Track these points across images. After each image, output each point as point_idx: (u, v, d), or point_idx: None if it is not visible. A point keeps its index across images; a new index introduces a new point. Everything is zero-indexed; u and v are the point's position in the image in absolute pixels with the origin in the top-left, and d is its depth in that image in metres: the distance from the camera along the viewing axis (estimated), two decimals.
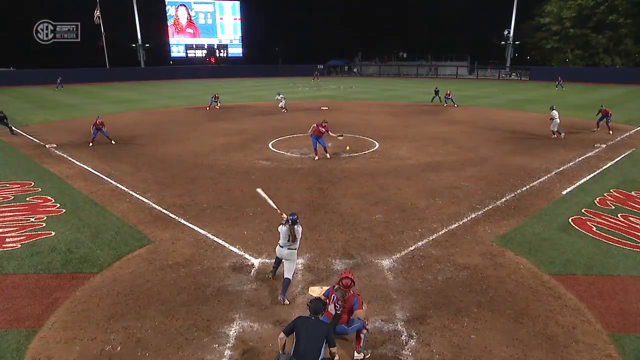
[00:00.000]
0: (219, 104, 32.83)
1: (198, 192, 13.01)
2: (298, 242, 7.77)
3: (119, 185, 13.78)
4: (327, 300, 6.50)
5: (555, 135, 20.73)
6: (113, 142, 20.01)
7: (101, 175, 14.84)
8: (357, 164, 16.21)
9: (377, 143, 19.62)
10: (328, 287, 6.88)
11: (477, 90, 50.24)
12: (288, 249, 7.73)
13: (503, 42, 74.42)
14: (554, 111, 20.94)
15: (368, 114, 29.36)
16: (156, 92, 47.21)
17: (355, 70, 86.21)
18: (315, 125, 16.66)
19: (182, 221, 10.92)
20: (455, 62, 79.63)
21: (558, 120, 20.70)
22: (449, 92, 34.17)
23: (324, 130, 16.28)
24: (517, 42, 75.04)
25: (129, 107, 33.96)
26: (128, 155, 17.89)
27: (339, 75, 79.51)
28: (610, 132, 20.98)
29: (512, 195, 12.76)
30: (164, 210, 11.61)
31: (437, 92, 35.81)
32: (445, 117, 28.49)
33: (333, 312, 6.48)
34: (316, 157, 16.54)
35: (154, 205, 11.97)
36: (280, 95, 29.17)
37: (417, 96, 41.33)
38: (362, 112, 30.28)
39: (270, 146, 19.12)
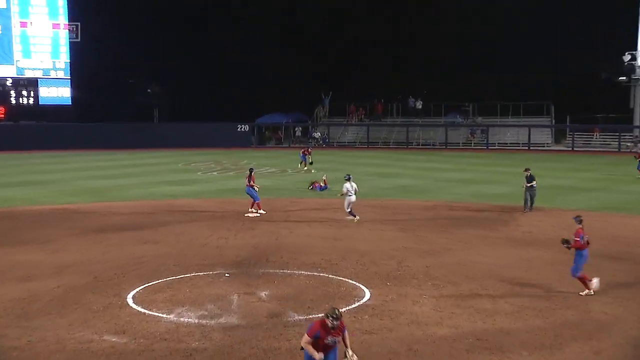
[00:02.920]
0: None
1: None
2: None
3: None
4: None
5: (350, 218, 30.00)
6: None
7: None
8: None
9: (365, 289, 19.68)
10: None
11: (575, 175, 51.94)
12: None
13: (624, 78, 78.24)
14: (347, 183, 30.29)
15: (346, 228, 29.78)
16: None
17: (316, 135, 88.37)
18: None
19: None
20: (525, 118, 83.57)
21: (353, 198, 30.19)
22: (306, 150, 42.76)
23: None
24: None
25: None
26: None
27: (281, 147, 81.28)
28: None
29: None
30: None
31: (530, 180, 35.05)
32: (509, 230, 29.15)
33: None
34: None
35: None
36: None
37: (448, 188, 42.48)
38: (332, 224, 30.73)
39: (129, 301, 18.78)
